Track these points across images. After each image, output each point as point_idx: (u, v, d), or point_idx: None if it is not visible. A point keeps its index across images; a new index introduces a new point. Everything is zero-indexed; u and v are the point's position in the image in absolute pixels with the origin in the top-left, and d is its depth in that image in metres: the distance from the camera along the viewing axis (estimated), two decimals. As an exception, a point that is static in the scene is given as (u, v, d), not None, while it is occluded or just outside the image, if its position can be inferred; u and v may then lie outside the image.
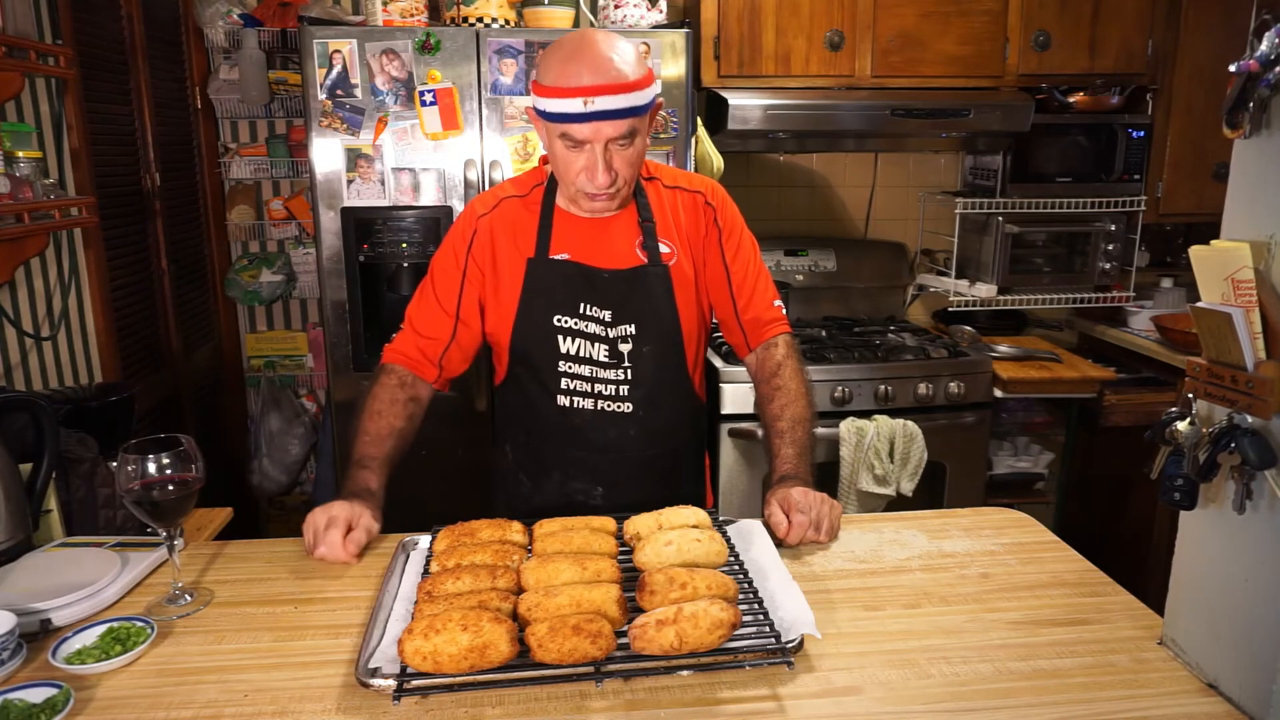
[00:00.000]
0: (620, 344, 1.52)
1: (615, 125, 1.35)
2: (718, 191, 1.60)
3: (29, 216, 1.96)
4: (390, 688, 0.97)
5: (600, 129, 1.34)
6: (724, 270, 1.58)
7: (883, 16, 2.74)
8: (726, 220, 1.59)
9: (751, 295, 1.59)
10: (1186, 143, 2.96)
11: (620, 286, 1.51)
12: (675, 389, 1.58)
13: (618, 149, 1.38)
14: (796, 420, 1.52)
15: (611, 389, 1.53)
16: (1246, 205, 0.95)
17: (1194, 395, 0.99)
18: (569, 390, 1.53)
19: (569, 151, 1.39)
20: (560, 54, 1.35)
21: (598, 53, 1.33)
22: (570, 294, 1.50)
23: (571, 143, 1.37)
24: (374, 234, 2.44)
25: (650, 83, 1.38)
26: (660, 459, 1.58)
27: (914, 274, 3.34)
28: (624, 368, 1.52)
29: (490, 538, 1.24)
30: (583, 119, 1.33)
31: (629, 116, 1.35)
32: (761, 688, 1.00)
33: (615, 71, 1.32)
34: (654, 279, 1.52)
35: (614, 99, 1.32)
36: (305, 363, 3.32)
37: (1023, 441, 3.12)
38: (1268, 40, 0.88)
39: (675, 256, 1.54)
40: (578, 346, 1.51)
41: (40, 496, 1.41)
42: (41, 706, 0.96)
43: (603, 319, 1.51)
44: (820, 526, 1.36)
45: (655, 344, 1.53)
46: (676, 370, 1.58)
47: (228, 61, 3.04)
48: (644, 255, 1.52)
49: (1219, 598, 1.00)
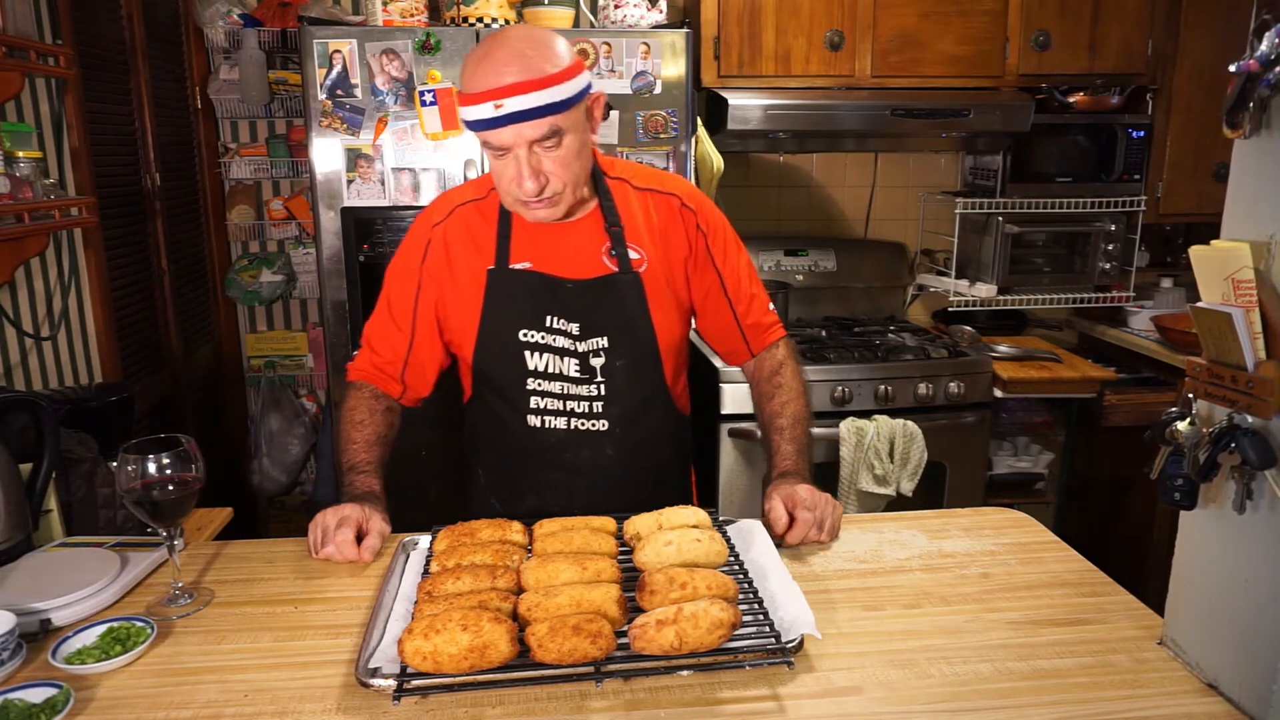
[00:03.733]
0: (592, 358, 1.44)
1: (534, 126, 1.24)
2: (694, 193, 1.51)
3: (29, 216, 1.96)
4: (390, 688, 0.97)
5: (519, 132, 1.25)
6: (717, 277, 1.50)
7: (883, 16, 2.74)
8: (710, 223, 1.50)
9: (750, 301, 1.53)
10: (1186, 143, 2.96)
11: (588, 297, 1.42)
12: (654, 404, 1.50)
13: (544, 151, 1.28)
14: (797, 418, 1.48)
15: (585, 406, 1.45)
16: (1246, 205, 0.95)
17: (1194, 395, 0.99)
18: (540, 409, 1.45)
19: (497, 161, 1.30)
20: (475, 56, 1.26)
21: (508, 50, 1.24)
22: (534, 306, 1.42)
23: (495, 150, 1.29)
24: (374, 234, 2.44)
25: (575, 74, 1.26)
26: (642, 478, 1.51)
27: (914, 274, 3.34)
28: (597, 383, 1.44)
29: (490, 538, 1.24)
30: (497, 124, 1.24)
31: (549, 114, 1.24)
32: (761, 688, 1.00)
33: (527, 68, 1.22)
34: (625, 287, 1.43)
35: (527, 98, 1.22)
36: (305, 363, 3.32)
37: (1023, 441, 3.12)
38: (1268, 40, 0.87)
39: (646, 262, 1.45)
40: (546, 362, 1.43)
41: (40, 496, 1.41)
42: (41, 706, 0.96)
43: (571, 332, 1.42)
44: (823, 526, 1.33)
45: (630, 357, 1.45)
46: (654, 384, 1.49)
47: (228, 61, 3.04)
48: (612, 262, 1.43)
49: (1219, 598, 0.99)
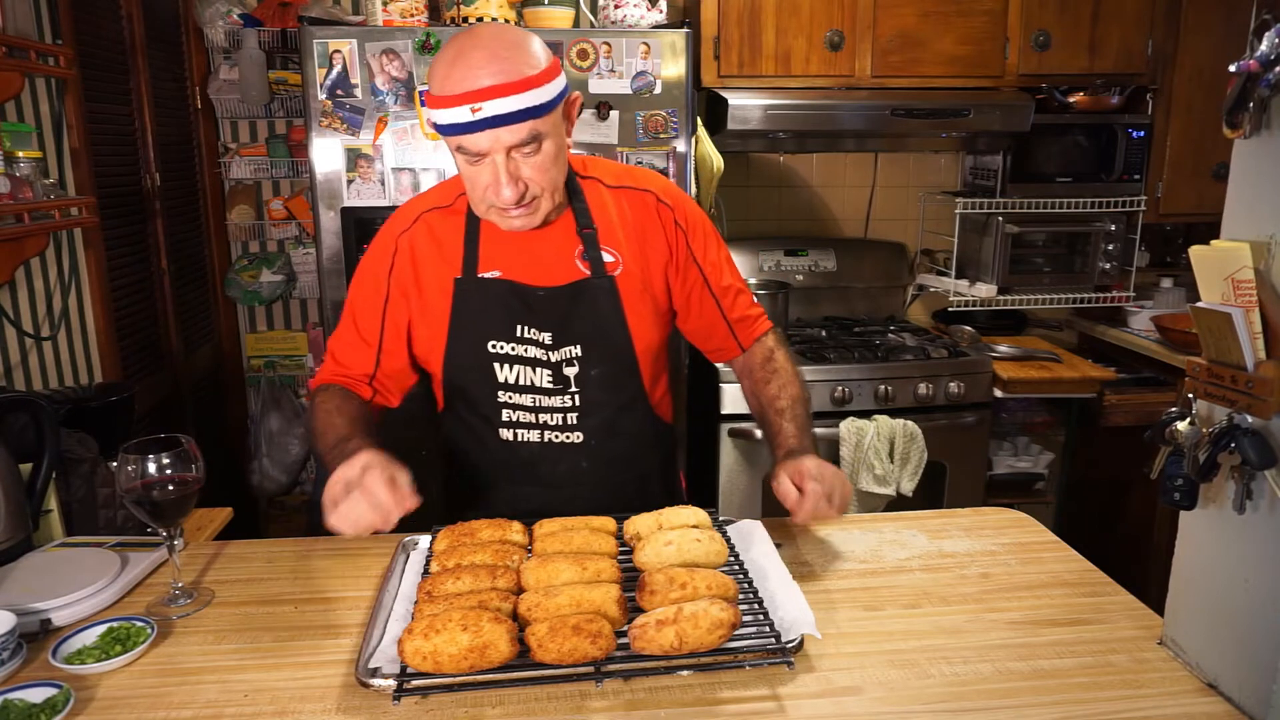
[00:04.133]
0: (565, 367, 1.38)
1: (513, 131, 1.18)
2: (669, 188, 1.45)
3: (29, 216, 1.96)
4: (390, 688, 0.97)
5: (498, 137, 1.18)
6: (700, 274, 1.45)
7: (883, 16, 2.74)
8: (689, 219, 1.44)
9: (735, 296, 1.48)
10: (1186, 143, 2.96)
11: (560, 305, 1.37)
12: (631, 413, 1.45)
13: (523, 157, 1.22)
14: (795, 399, 1.43)
15: (558, 418, 1.40)
16: (1246, 205, 0.95)
17: (1194, 395, 0.99)
18: (511, 422, 1.41)
19: (471, 166, 1.24)
20: (446, 56, 1.19)
21: (485, 50, 1.17)
22: (504, 316, 1.36)
23: (470, 156, 1.22)
24: (374, 234, 2.41)
25: (553, 75, 1.21)
26: (621, 490, 1.46)
27: (914, 274, 3.34)
28: (570, 394, 1.39)
29: (490, 538, 1.24)
30: (474, 128, 1.17)
31: (528, 119, 1.18)
32: (761, 688, 1.00)
33: (506, 68, 1.16)
34: (598, 293, 1.37)
35: (507, 101, 1.16)
36: (305, 363, 3.32)
37: (1023, 441, 3.12)
38: (1268, 40, 0.87)
39: (621, 265, 1.39)
40: (517, 374, 1.38)
41: (40, 496, 1.41)
42: (41, 706, 0.96)
43: (543, 341, 1.37)
44: (832, 497, 1.26)
45: (605, 365, 1.40)
46: (631, 392, 1.44)
47: (228, 61, 3.04)
48: (586, 267, 1.37)
49: (1219, 598, 0.99)
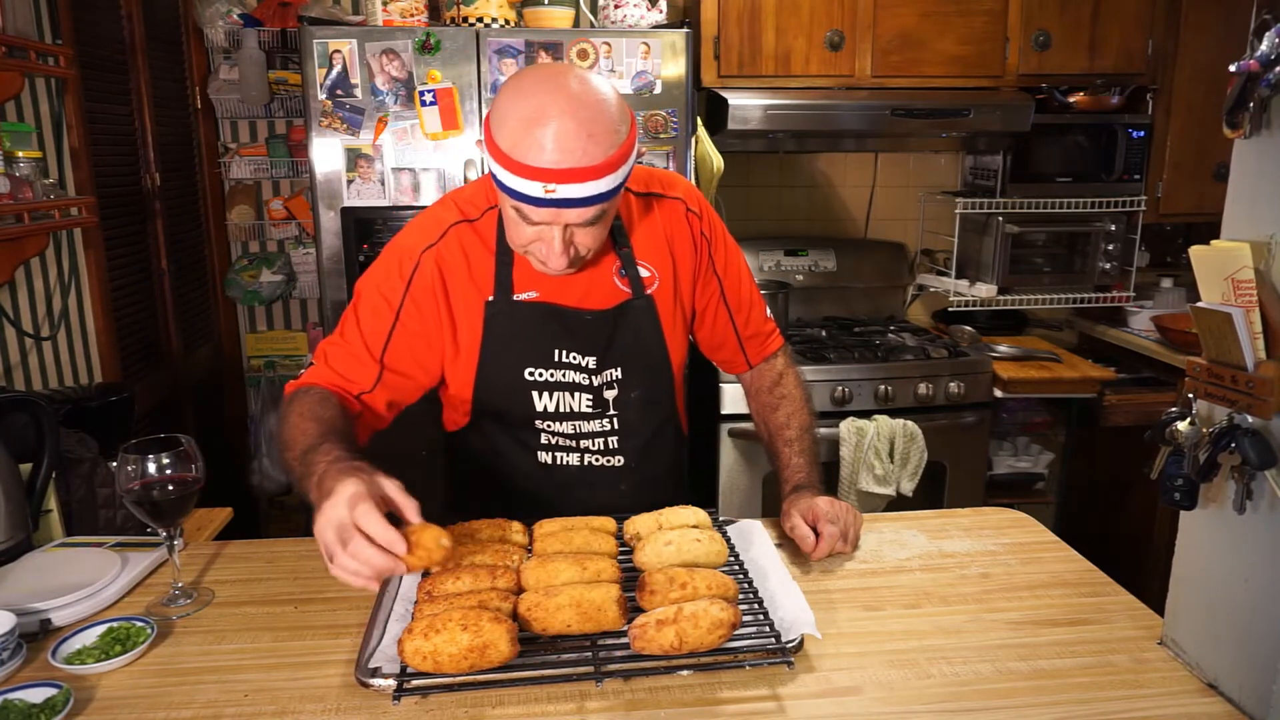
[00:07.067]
0: (605, 390, 1.32)
1: (580, 213, 1.11)
2: (695, 195, 1.39)
3: (29, 216, 1.96)
4: (390, 688, 0.97)
5: (560, 214, 1.11)
6: (718, 285, 1.41)
7: (883, 16, 2.74)
8: (712, 228, 1.39)
9: (750, 311, 1.45)
10: (1186, 143, 2.96)
11: (605, 328, 1.29)
12: (665, 432, 1.42)
13: (579, 230, 1.15)
14: (804, 429, 1.43)
15: (599, 443, 1.34)
16: (1246, 205, 0.95)
17: (1194, 395, 0.99)
18: (551, 445, 1.34)
19: (522, 222, 1.15)
20: (522, 109, 1.08)
21: (571, 120, 1.06)
22: (542, 341, 1.28)
23: (527, 221, 1.14)
24: (374, 234, 2.44)
25: (628, 156, 1.11)
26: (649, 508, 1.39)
27: (914, 274, 3.34)
28: (609, 417, 1.33)
29: (490, 537, 1.24)
30: (541, 204, 1.09)
31: (600, 203, 1.11)
32: (761, 688, 1.00)
33: (590, 149, 1.06)
34: (639, 313, 1.31)
35: (582, 186, 1.07)
36: (305, 363, 3.32)
37: (1023, 441, 3.12)
38: (1268, 40, 0.87)
39: (657, 280, 1.33)
40: (556, 401, 1.30)
41: (40, 496, 1.41)
42: (41, 706, 0.96)
43: (585, 366, 1.30)
44: (847, 536, 1.30)
45: (644, 386, 1.35)
46: (667, 410, 1.41)
47: (228, 61, 3.04)
48: (625, 285, 1.31)
49: (1219, 598, 1.00)
